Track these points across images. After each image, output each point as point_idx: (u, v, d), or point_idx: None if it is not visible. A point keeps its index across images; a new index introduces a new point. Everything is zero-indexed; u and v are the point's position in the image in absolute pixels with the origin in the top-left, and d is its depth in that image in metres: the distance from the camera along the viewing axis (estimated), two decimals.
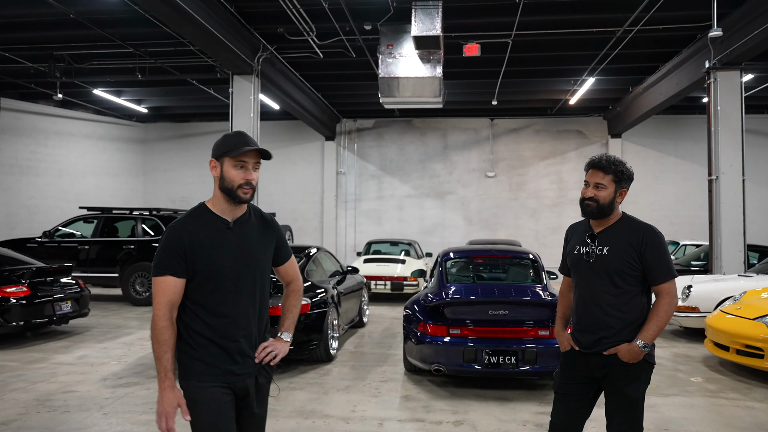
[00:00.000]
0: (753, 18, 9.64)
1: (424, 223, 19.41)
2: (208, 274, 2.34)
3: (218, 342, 2.35)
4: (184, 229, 2.35)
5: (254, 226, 2.49)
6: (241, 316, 2.40)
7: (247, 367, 2.41)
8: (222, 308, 2.36)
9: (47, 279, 8.32)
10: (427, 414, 5.06)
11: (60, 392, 5.61)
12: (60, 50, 12.58)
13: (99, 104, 17.92)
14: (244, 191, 2.37)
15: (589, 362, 2.91)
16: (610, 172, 2.87)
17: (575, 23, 10.95)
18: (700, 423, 4.87)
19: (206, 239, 2.35)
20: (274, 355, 2.48)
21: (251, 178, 2.38)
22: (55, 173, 17.73)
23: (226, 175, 2.36)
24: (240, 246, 2.40)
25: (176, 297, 2.32)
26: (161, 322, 2.28)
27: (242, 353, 2.40)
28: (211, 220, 2.40)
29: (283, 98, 14.15)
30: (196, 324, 2.35)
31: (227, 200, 2.40)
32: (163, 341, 2.28)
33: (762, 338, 5.95)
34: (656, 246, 2.82)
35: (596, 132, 19.03)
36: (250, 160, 2.39)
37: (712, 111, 10.95)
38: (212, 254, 2.34)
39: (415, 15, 9.18)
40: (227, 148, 2.37)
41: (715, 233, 10.80)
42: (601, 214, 2.90)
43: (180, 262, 2.31)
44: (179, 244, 2.32)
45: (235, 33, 10.69)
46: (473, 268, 7.29)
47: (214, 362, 2.35)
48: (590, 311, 2.91)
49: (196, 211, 2.44)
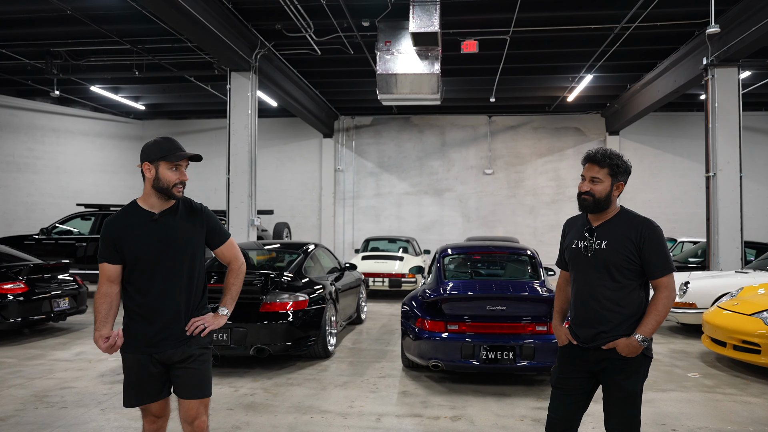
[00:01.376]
0: (751, 14, 9.64)
1: (422, 221, 19.42)
2: (135, 260, 2.77)
3: (145, 316, 2.79)
4: (114, 224, 2.81)
5: (181, 216, 2.85)
6: (165, 293, 2.79)
7: (173, 339, 2.80)
8: (147, 289, 2.77)
9: (44, 276, 8.31)
10: (425, 409, 5.07)
11: (57, 388, 5.61)
12: (57, 47, 12.54)
13: (96, 101, 17.88)
14: (178, 190, 2.79)
15: (587, 357, 2.91)
16: (605, 166, 2.87)
17: (573, 20, 10.95)
18: (697, 418, 4.88)
19: (132, 231, 2.78)
20: (203, 327, 2.85)
21: (185, 178, 2.81)
22: (53, 170, 17.70)
23: (163, 176, 2.77)
24: (163, 235, 2.79)
25: (113, 277, 2.80)
26: (99, 296, 2.81)
27: (167, 327, 2.79)
28: (138, 215, 2.82)
29: (281, 95, 14.13)
30: (129, 302, 2.83)
31: (159, 197, 2.81)
32: (98, 306, 2.80)
33: (759, 334, 5.96)
34: (654, 240, 2.81)
35: (594, 129, 19.04)
36: (183, 163, 2.82)
37: (709, 108, 10.96)
38: (136, 243, 2.77)
39: (413, 11, 9.16)
40: (163, 153, 2.77)
41: (713, 230, 10.82)
42: (598, 208, 2.89)
43: (111, 250, 2.77)
44: (110, 235, 2.78)
45: (233, 29, 10.67)
46: (471, 265, 7.29)
47: (139, 336, 2.79)
48: (588, 305, 2.91)
49: (128, 207, 2.87)
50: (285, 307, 6.32)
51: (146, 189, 2.83)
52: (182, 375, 2.85)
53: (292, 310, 6.33)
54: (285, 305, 6.33)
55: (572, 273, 3.03)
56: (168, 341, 2.80)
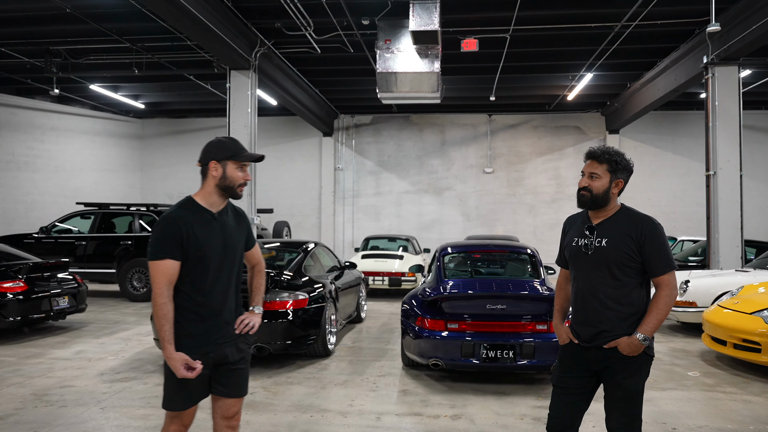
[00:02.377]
0: (751, 13, 9.63)
1: (422, 219, 19.41)
2: (198, 259, 2.72)
3: (204, 315, 2.75)
4: (180, 219, 2.71)
5: (231, 218, 2.90)
6: (223, 293, 2.81)
7: (227, 336, 2.82)
8: (209, 287, 2.75)
9: (44, 274, 8.29)
10: (425, 408, 5.06)
11: (57, 387, 5.60)
12: (56, 45, 12.53)
13: (96, 100, 17.87)
14: (241, 189, 2.85)
15: (588, 356, 2.90)
16: (604, 162, 2.87)
17: (573, 18, 10.93)
18: (697, 417, 4.87)
19: (197, 228, 2.72)
20: (251, 326, 2.90)
21: (249, 179, 2.89)
22: (52, 169, 17.68)
23: (229, 175, 2.79)
24: (222, 234, 2.81)
25: (174, 277, 2.68)
26: (161, 299, 2.63)
27: (224, 324, 2.81)
28: (200, 212, 2.77)
29: (281, 94, 14.11)
30: (186, 302, 2.72)
31: (220, 195, 2.81)
32: (162, 315, 2.63)
33: (759, 332, 5.96)
34: (656, 237, 2.79)
35: (594, 128, 19.03)
36: (248, 164, 2.88)
37: (710, 107, 10.95)
38: (202, 241, 2.72)
39: (412, 10, 9.14)
40: (232, 152, 2.79)
41: (713, 229, 10.81)
42: (595, 204, 2.88)
43: (177, 247, 2.66)
44: (176, 231, 2.67)
45: (233, 28, 10.65)
46: (471, 263, 7.28)
47: (199, 335, 2.73)
48: (589, 304, 2.89)
49: (186, 204, 2.80)
50: (285, 305, 6.32)
51: (208, 187, 2.81)
52: (233, 374, 2.86)
53: (292, 309, 6.32)
54: (285, 304, 6.32)
55: (572, 271, 3.02)
56: (225, 340, 2.81)
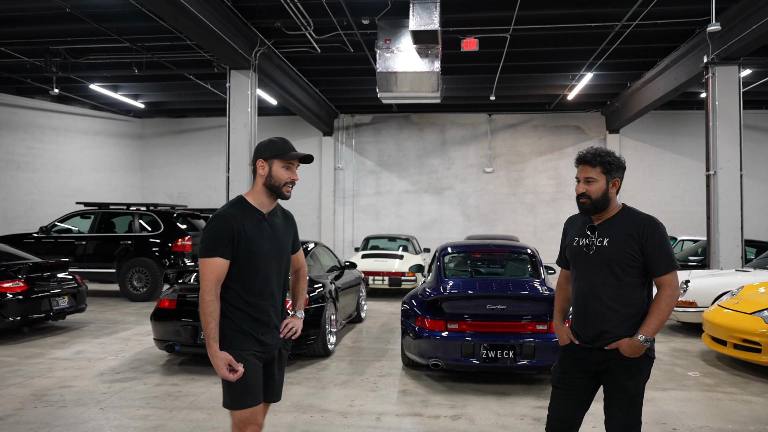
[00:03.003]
0: (751, 12, 9.62)
1: (422, 219, 19.40)
2: (249, 258, 2.72)
3: (255, 316, 2.76)
4: (232, 217, 2.71)
5: (280, 219, 2.91)
6: (272, 295, 2.82)
7: (274, 339, 2.84)
8: (258, 287, 2.76)
9: (44, 274, 8.29)
10: (425, 408, 5.05)
11: (57, 387, 5.60)
12: (56, 45, 12.52)
13: (96, 99, 17.86)
14: (288, 189, 2.82)
15: (589, 357, 2.88)
16: (597, 164, 2.85)
17: (573, 18, 10.92)
18: (697, 417, 4.87)
19: (248, 228, 2.73)
20: (294, 331, 2.91)
21: (296, 178, 2.85)
22: (52, 169, 17.67)
23: (275, 174, 2.78)
24: (272, 235, 2.81)
25: (222, 276, 2.69)
26: (208, 296, 2.64)
27: (273, 326, 2.83)
28: (251, 211, 2.78)
29: (281, 93, 14.10)
30: (237, 301, 2.73)
31: (269, 195, 2.82)
32: (209, 313, 2.63)
33: (759, 332, 5.95)
34: (657, 237, 2.77)
35: (594, 127, 19.02)
36: (295, 162, 2.86)
37: (710, 106, 10.94)
38: (253, 241, 2.73)
39: (413, 9, 9.13)
40: (278, 151, 2.79)
41: (713, 228, 10.81)
42: (597, 208, 2.86)
43: (228, 246, 2.67)
44: (228, 230, 2.68)
45: (232, 27, 10.64)
46: (471, 263, 7.27)
47: (252, 333, 2.74)
48: (590, 304, 2.87)
49: (238, 203, 2.80)
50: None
51: (257, 186, 2.83)
52: (272, 379, 2.87)
53: None
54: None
55: (573, 271, 3.00)
56: (274, 340, 2.83)
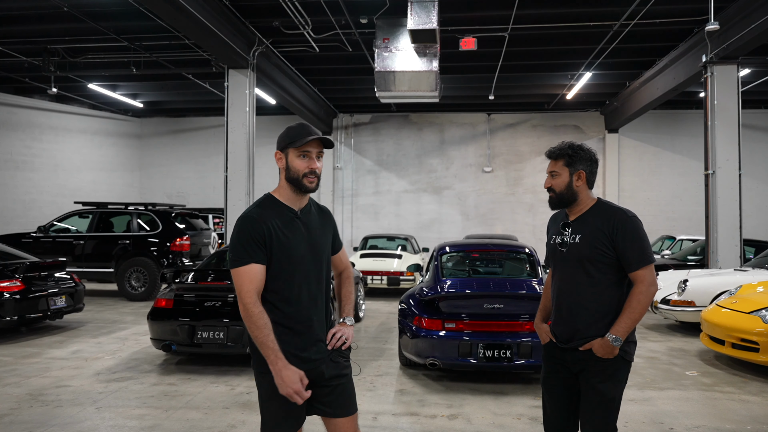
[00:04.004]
0: (750, 11, 9.60)
1: (421, 218, 19.40)
2: (283, 262, 2.41)
3: (295, 329, 2.42)
4: (261, 219, 2.41)
5: (315, 217, 2.59)
6: (313, 302, 2.49)
7: (320, 352, 2.48)
8: (296, 295, 2.43)
9: (41, 274, 8.28)
10: (422, 408, 5.04)
11: (53, 387, 5.58)
12: (54, 44, 12.50)
13: (94, 99, 17.84)
14: (309, 180, 2.45)
15: (565, 357, 2.82)
16: (558, 157, 2.81)
17: (572, 17, 10.91)
18: (695, 416, 4.86)
19: (280, 228, 2.42)
20: (344, 340, 2.55)
21: (315, 167, 2.46)
22: (51, 168, 17.65)
23: (292, 165, 2.46)
24: (308, 235, 2.50)
25: (261, 284, 2.38)
26: (255, 308, 2.32)
27: (317, 338, 2.48)
28: (281, 210, 2.47)
29: (279, 93, 14.09)
30: (272, 314, 2.39)
31: (293, 190, 2.49)
32: (262, 325, 2.31)
33: (757, 332, 5.94)
34: (629, 230, 2.67)
35: (593, 127, 19.01)
36: (314, 150, 2.47)
37: (708, 106, 10.93)
38: (287, 242, 2.42)
39: (411, 9, 9.10)
40: (290, 139, 2.46)
41: (712, 228, 10.80)
42: (562, 201, 2.82)
43: (262, 249, 2.37)
44: (259, 232, 2.38)
45: (231, 26, 10.63)
46: (469, 263, 7.27)
47: (291, 351, 2.38)
48: (564, 302, 2.82)
49: (265, 201, 2.51)
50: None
51: (281, 182, 2.54)
52: (334, 391, 2.51)
53: None
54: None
55: (552, 270, 2.96)
56: (320, 354, 2.48)
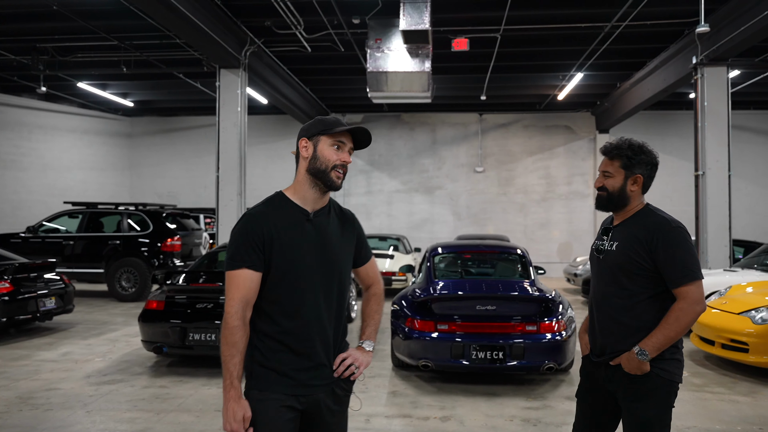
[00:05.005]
0: (740, 14, 9.67)
1: (413, 218, 19.40)
2: (285, 270, 2.12)
3: (293, 347, 2.13)
4: (263, 218, 2.14)
5: (334, 221, 2.28)
6: (318, 318, 2.17)
7: (322, 378, 2.18)
8: (298, 309, 2.14)
9: (30, 275, 8.20)
10: (415, 410, 5.04)
11: (43, 390, 5.53)
12: (43, 42, 12.37)
13: (84, 98, 17.69)
14: (337, 174, 2.20)
15: (599, 372, 2.63)
16: (615, 158, 2.61)
17: (563, 18, 10.94)
18: (685, 417, 4.89)
19: (285, 230, 2.13)
20: (354, 368, 2.24)
21: (348, 160, 2.21)
22: (40, 168, 17.50)
23: (321, 154, 2.19)
24: (320, 241, 2.20)
25: (252, 293, 2.09)
26: (233, 321, 2.04)
27: (318, 361, 2.17)
28: (290, 210, 2.19)
29: (271, 92, 14.03)
30: (269, 327, 2.13)
31: (313, 186, 2.21)
32: (232, 343, 2.03)
33: (747, 333, 5.99)
34: (671, 243, 2.45)
35: (584, 127, 19.08)
36: (347, 143, 2.24)
37: (699, 107, 11.00)
38: (291, 247, 2.13)
39: (403, 9, 9.09)
40: (325, 126, 2.20)
41: (702, 228, 10.87)
42: (612, 204, 2.62)
43: (258, 253, 2.09)
44: (258, 233, 2.10)
45: (222, 26, 10.57)
46: (461, 264, 7.28)
47: (286, 371, 2.12)
48: (598, 313, 2.65)
49: (274, 199, 2.24)
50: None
51: (299, 176, 2.25)
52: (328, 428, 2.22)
53: None
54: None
55: (591, 276, 2.77)
56: (320, 380, 2.17)
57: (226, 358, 2.03)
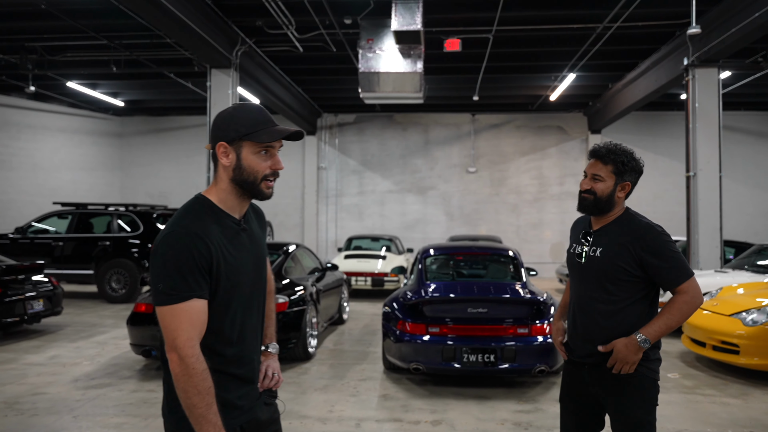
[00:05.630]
0: (731, 15, 9.70)
1: (406, 219, 19.37)
2: (230, 294, 1.83)
3: (237, 374, 1.88)
4: (207, 235, 1.76)
5: (254, 221, 2.03)
6: (254, 337, 1.96)
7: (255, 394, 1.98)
8: (239, 332, 1.88)
9: (18, 277, 8.10)
10: (405, 414, 5.01)
11: (29, 394, 5.46)
12: (32, 42, 12.25)
13: (73, 97, 17.53)
14: (268, 185, 1.88)
15: (580, 374, 2.64)
16: (609, 162, 2.57)
17: (556, 19, 10.94)
18: (676, 420, 4.88)
19: (227, 248, 1.82)
20: (277, 378, 2.09)
21: (280, 167, 1.89)
22: (29, 168, 17.33)
23: (246, 164, 1.83)
24: (254, 251, 1.94)
25: (204, 327, 1.75)
26: (199, 365, 1.69)
27: (255, 381, 1.98)
28: (223, 220, 1.85)
29: (263, 92, 13.96)
30: (213, 361, 1.78)
31: (240, 195, 1.88)
32: (205, 390, 1.69)
33: (737, 334, 6.00)
34: (659, 248, 2.47)
35: (576, 128, 19.12)
36: (277, 144, 1.88)
37: (690, 108, 11.03)
38: (236, 267, 1.83)
39: (395, 10, 9.06)
40: (249, 129, 1.81)
41: (693, 229, 10.90)
42: (598, 209, 2.59)
43: (205, 278, 1.75)
44: (204, 255, 1.74)
45: (213, 26, 10.49)
46: (453, 265, 7.26)
47: (235, 403, 1.86)
48: (580, 318, 2.64)
49: (201, 207, 1.84)
50: None
51: (221, 183, 1.87)
52: None
53: None
54: None
55: (570, 280, 2.76)
56: (255, 399, 1.96)
57: (202, 410, 1.68)
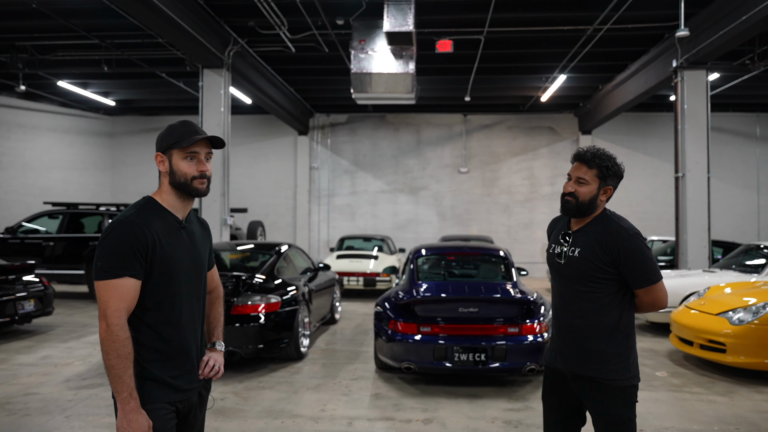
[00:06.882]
0: (719, 18, 9.82)
1: (398, 219, 19.42)
2: (165, 278, 2.16)
3: (171, 354, 2.18)
4: (146, 224, 2.12)
5: (197, 227, 2.39)
6: (192, 324, 2.27)
7: (195, 380, 2.28)
8: (177, 316, 2.20)
9: (9, 277, 8.07)
10: (397, 412, 5.05)
11: (21, 395, 5.46)
12: (22, 41, 12.19)
13: (64, 96, 17.45)
14: (200, 182, 2.23)
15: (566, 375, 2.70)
16: (594, 167, 2.62)
17: (546, 21, 11.03)
18: (664, 417, 4.95)
19: (164, 237, 2.16)
20: (217, 369, 2.39)
21: (205, 170, 2.24)
22: (19, 167, 17.23)
23: (177, 168, 2.21)
24: (191, 248, 2.28)
25: (134, 303, 2.09)
26: (123, 333, 2.03)
27: (191, 365, 2.26)
28: (166, 217, 2.22)
29: (255, 92, 13.96)
30: (146, 337, 2.13)
31: (179, 196, 2.25)
32: (125, 355, 2.03)
33: (724, 333, 6.08)
34: (633, 251, 2.54)
35: (567, 128, 19.25)
36: (202, 150, 2.24)
37: (679, 110, 11.15)
38: (171, 255, 2.17)
39: (387, 11, 9.10)
40: (174, 139, 2.21)
41: (681, 230, 11.02)
42: (580, 212, 2.65)
43: (141, 261, 2.08)
44: (141, 241, 2.08)
45: (205, 26, 10.49)
46: (444, 265, 7.31)
47: (166, 379, 2.16)
48: (562, 316, 2.71)
49: (147, 205, 2.22)
50: (256, 309, 6.25)
51: (163, 186, 2.26)
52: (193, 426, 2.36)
53: (264, 312, 6.26)
54: (256, 307, 6.26)
55: (551, 280, 2.83)
56: (194, 383, 2.28)
57: (119, 371, 2.02)
